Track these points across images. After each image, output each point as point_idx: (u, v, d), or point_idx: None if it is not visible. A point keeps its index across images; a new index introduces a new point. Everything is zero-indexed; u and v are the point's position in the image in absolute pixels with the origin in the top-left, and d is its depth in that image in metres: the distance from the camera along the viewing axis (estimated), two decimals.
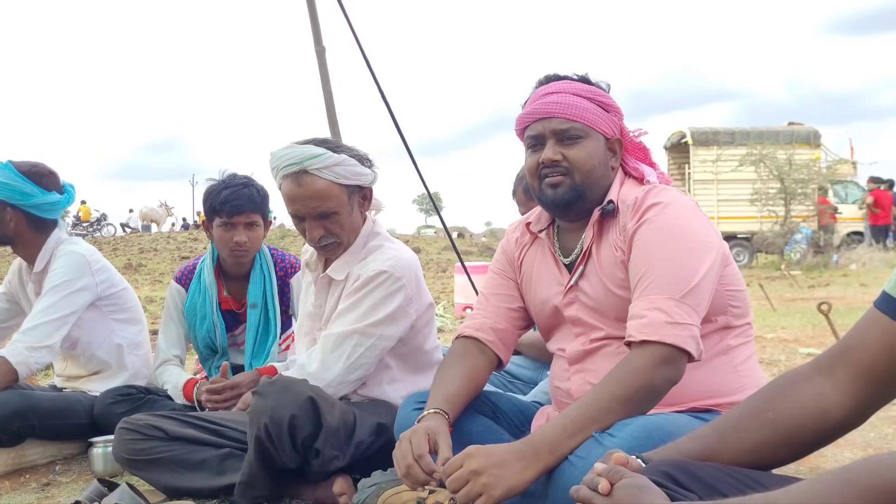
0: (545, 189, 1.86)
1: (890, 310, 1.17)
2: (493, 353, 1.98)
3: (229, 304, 3.07)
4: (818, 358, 1.26)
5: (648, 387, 1.60)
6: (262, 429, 2.03)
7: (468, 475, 1.48)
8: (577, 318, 1.88)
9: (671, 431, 1.46)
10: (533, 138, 1.88)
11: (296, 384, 2.08)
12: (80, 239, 3.27)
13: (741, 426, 1.24)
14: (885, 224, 16.97)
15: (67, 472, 2.80)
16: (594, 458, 1.23)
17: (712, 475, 1.13)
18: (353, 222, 2.33)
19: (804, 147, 16.95)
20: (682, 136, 17.73)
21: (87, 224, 32.01)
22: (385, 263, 2.27)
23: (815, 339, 5.48)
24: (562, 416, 1.61)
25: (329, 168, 2.22)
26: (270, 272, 3.05)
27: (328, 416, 2.07)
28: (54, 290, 2.89)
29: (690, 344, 1.62)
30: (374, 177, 2.35)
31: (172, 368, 3.05)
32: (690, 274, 1.67)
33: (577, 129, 1.83)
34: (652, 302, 1.65)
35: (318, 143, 2.29)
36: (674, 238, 1.71)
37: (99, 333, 3.07)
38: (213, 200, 2.89)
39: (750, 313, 1.90)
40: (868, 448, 2.76)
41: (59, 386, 3.19)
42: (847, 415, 1.21)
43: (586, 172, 1.83)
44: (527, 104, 1.91)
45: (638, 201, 1.78)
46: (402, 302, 2.27)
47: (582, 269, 1.87)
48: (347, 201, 2.29)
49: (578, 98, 1.84)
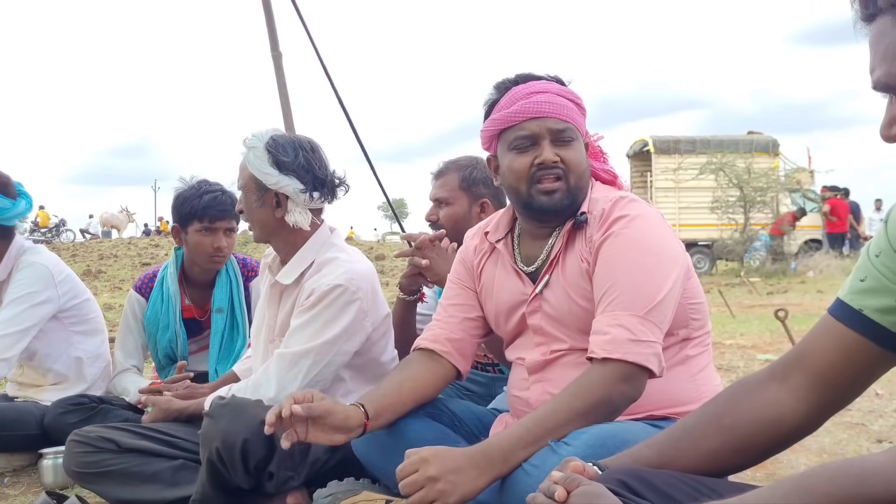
0: (536, 196, 1.79)
1: (843, 316, 1.18)
2: (449, 363, 1.94)
3: (191, 311, 3.02)
4: (773, 364, 1.27)
5: (607, 402, 1.59)
6: (213, 452, 1.99)
7: (424, 480, 1.47)
8: (539, 327, 1.86)
9: (626, 439, 1.45)
10: (524, 138, 1.79)
11: (249, 407, 2.03)
12: (44, 247, 3.19)
13: (697, 433, 1.24)
14: (841, 232, 17.31)
15: (16, 484, 2.73)
16: (549, 467, 1.22)
17: (667, 482, 1.13)
18: (256, 214, 2.30)
19: (763, 156, 17.21)
20: (645, 144, 17.92)
21: (45, 230, 31.34)
22: (340, 277, 2.22)
23: (773, 345, 5.55)
24: (518, 425, 1.60)
25: (249, 150, 2.27)
26: (237, 277, 3.01)
27: (281, 437, 2.03)
28: (16, 301, 2.83)
29: (653, 362, 1.62)
30: (283, 184, 2.23)
31: (132, 376, 3.01)
32: (655, 290, 1.66)
33: (570, 130, 1.79)
34: (615, 318, 1.63)
35: (277, 135, 2.30)
36: (640, 252, 1.69)
37: (58, 346, 3.00)
38: (194, 205, 2.83)
39: (708, 323, 1.90)
40: (823, 453, 2.80)
41: (10, 395, 3.11)
42: (802, 421, 1.22)
43: (579, 175, 1.80)
44: (503, 104, 1.82)
45: (605, 213, 1.76)
46: (358, 315, 2.23)
47: (547, 278, 1.84)
48: (255, 190, 2.28)
49: (564, 99, 1.80)
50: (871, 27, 0.99)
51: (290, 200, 2.26)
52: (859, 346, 1.16)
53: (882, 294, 1.14)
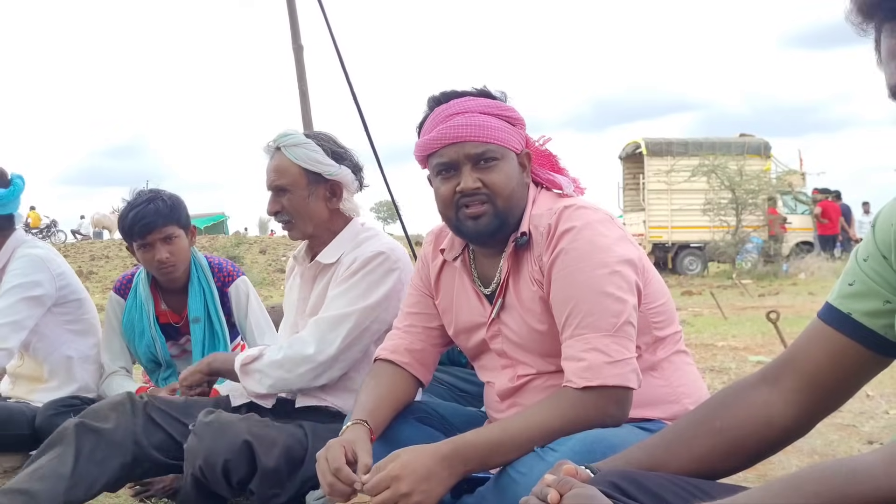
0: (464, 221, 1.74)
1: (832, 320, 1.19)
2: (410, 375, 1.92)
3: (167, 317, 2.97)
4: (765, 368, 1.28)
5: (598, 426, 1.56)
6: (196, 469, 2.02)
7: (397, 497, 1.47)
8: (502, 350, 1.82)
9: (613, 443, 1.45)
10: (443, 165, 1.73)
11: (232, 426, 2.03)
12: (43, 242, 3.20)
13: (688, 435, 1.25)
14: (832, 234, 17.39)
15: None
16: (537, 474, 1.22)
17: (659, 484, 1.13)
18: (308, 208, 2.32)
19: (755, 158, 17.27)
20: (637, 146, 17.95)
21: (36, 231, 31.20)
22: (383, 246, 2.28)
23: (765, 346, 5.58)
24: (500, 429, 1.58)
25: (292, 147, 2.30)
26: (210, 284, 2.93)
27: (265, 457, 2.02)
28: (11, 291, 2.82)
29: (632, 379, 1.59)
30: (342, 173, 2.33)
31: (121, 379, 2.98)
32: (619, 304, 1.61)
33: (491, 150, 1.71)
34: (587, 342, 1.59)
35: (308, 132, 2.38)
36: (594, 266, 1.63)
37: (49, 341, 2.99)
38: (122, 227, 2.82)
39: (675, 321, 1.84)
40: (814, 455, 2.81)
41: (3, 395, 3.10)
42: (792, 423, 1.23)
43: (507, 196, 1.72)
44: (426, 127, 1.77)
45: (550, 228, 1.69)
46: (397, 285, 2.25)
47: (501, 301, 1.79)
48: (306, 185, 2.30)
49: (487, 116, 1.72)
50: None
51: (346, 189, 2.35)
52: (848, 349, 1.17)
53: (870, 298, 1.15)
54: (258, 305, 3.03)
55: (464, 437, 1.58)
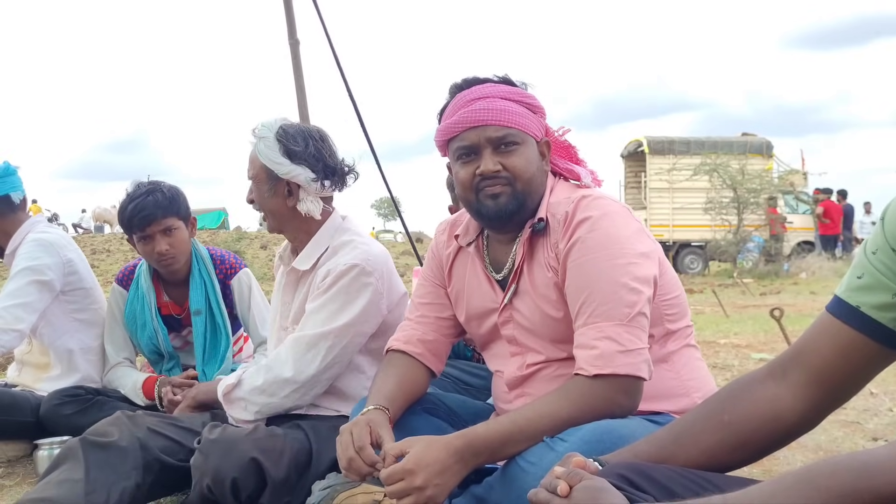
0: (485, 201, 1.75)
1: (841, 313, 1.19)
2: (423, 365, 1.93)
3: (169, 309, 2.99)
4: (772, 362, 1.28)
5: (608, 416, 1.57)
6: (204, 487, 2.00)
7: (411, 489, 1.48)
8: (512, 337, 1.83)
9: (623, 435, 1.45)
10: (464, 149, 1.76)
11: (239, 443, 2.01)
12: (57, 228, 3.22)
13: (696, 429, 1.26)
14: (834, 234, 17.37)
15: (11, 475, 2.72)
16: (546, 464, 1.22)
17: (668, 477, 1.13)
18: (268, 204, 2.31)
19: (757, 157, 17.26)
20: (639, 144, 17.94)
21: None
22: (357, 257, 2.23)
23: (767, 344, 5.58)
24: (510, 421, 1.58)
25: (259, 140, 2.29)
26: (211, 276, 2.95)
27: (273, 470, 2.02)
28: (20, 273, 2.86)
29: (644, 370, 1.60)
30: (295, 173, 2.25)
31: (126, 370, 2.99)
32: (634, 295, 1.61)
33: (512, 135, 1.73)
34: (600, 330, 1.60)
35: (287, 125, 2.32)
36: (610, 256, 1.64)
37: (55, 329, 3.01)
38: (122, 220, 2.83)
39: (687, 315, 1.85)
40: (819, 451, 2.81)
41: (9, 383, 3.11)
42: (800, 418, 1.23)
43: (527, 180, 1.74)
44: (448, 112, 1.80)
45: (568, 216, 1.70)
46: (374, 297, 2.23)
47: (515, 287, 1.81)
48: (266, 180, 2.29)
49: (508, 102, 1.75)
50: None
51: (302, 189, 2.28)
52: (857, 342, 1.17)
53: (879, 291, 1.15)
54: (261, 298, 3.03)
55: (475, 431, 1.58)
